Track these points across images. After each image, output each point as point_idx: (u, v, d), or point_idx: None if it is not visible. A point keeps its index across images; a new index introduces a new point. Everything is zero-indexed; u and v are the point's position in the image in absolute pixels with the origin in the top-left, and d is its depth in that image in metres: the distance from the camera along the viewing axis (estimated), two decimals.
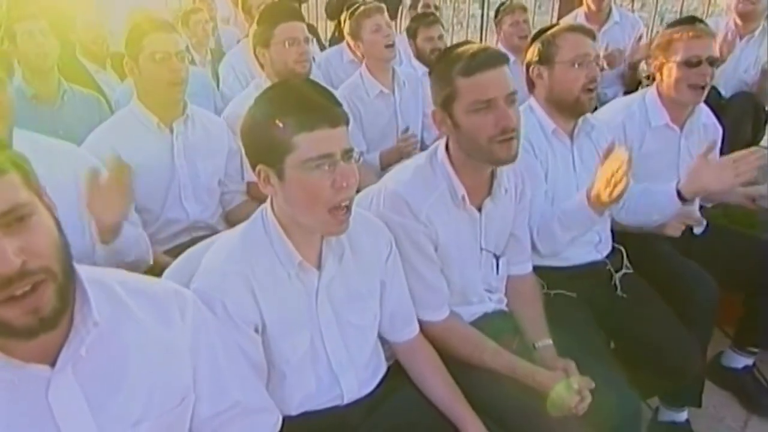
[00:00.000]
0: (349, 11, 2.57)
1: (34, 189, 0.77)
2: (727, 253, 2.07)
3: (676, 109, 2.05)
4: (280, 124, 1.07)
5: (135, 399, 0.87)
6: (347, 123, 1.13)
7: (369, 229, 1.31)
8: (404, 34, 3.17)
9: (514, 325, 1.61)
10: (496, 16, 3.19)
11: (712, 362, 2.27)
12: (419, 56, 2.94)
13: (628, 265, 1.93)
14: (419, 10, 3.55)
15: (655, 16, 4.40)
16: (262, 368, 1.16)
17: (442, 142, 1.49)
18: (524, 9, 3.13)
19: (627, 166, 1.47)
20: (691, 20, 2.25)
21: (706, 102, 2.20)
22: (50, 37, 2.30)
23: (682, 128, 2.08)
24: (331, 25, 4.56)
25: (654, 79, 2.11)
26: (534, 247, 1.73)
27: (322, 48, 3.92)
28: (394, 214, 1.39)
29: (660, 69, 2.04)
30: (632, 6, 4.84)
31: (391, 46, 2.44)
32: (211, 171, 1.95)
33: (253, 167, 1.15)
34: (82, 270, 0.84)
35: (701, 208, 2.24)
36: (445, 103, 1.38)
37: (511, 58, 1.83)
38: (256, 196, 2.05)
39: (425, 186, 1.43)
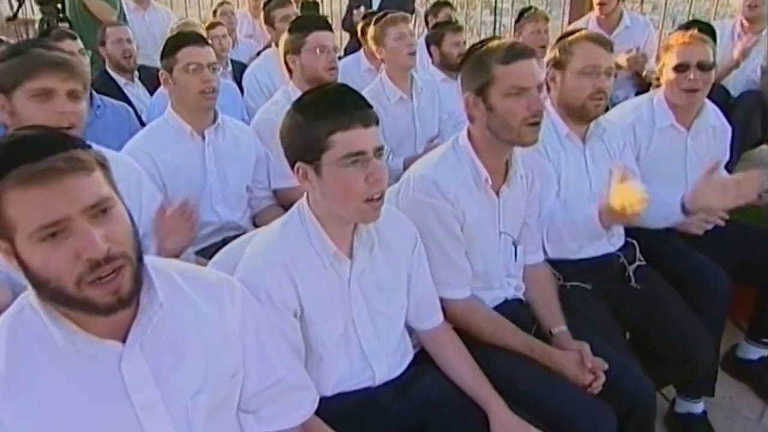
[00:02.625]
0: (374, 19, 2.68)
1: (112, 184, 0.88)
2: (738, 247, 2.14)
3: (681, 111, 2.12)
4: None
5: (193, 373, 0.97)
6: (377, 123, 1.23)
7: (395, 224, 1.41)
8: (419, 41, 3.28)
9: (531, 314, 1.70)
10: (517, 21, 3.27)
11: (728, 355, 2.33)
12: (443, 61, 3.03)
13: (641, 257, 2.00)
14: (439, 18, 3.67)
15: (665, 18, 4.45)
16: (300, 350, 1.25)
17: (463, 132, 1.59)
18: (546, 19, 3.22)
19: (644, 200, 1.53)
20: (690, 25, 2.33)
21: (715, 101, 2.28)
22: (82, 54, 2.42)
23: (688, 129, 2.16)
24: (344, 36, 4.69)
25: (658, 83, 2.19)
26: (544, 248, 1.82)
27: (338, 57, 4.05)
28: (423, 195, 1.50)
29: (661, 72, 2.13)
30: (641, 8, 4.90)
31: (413, 54, 2.56)
32: (239, 177, 2.06)
33: (292, 165, 1.26)
34: (146, 258, 0.94)
35: None
36: (481, 89, 1.50)
37: None
38: (282, 203, 2.15)
39: (451, 169, 1.54)
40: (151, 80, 3.14)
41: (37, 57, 1.41)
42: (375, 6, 4.26)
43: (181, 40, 1.96)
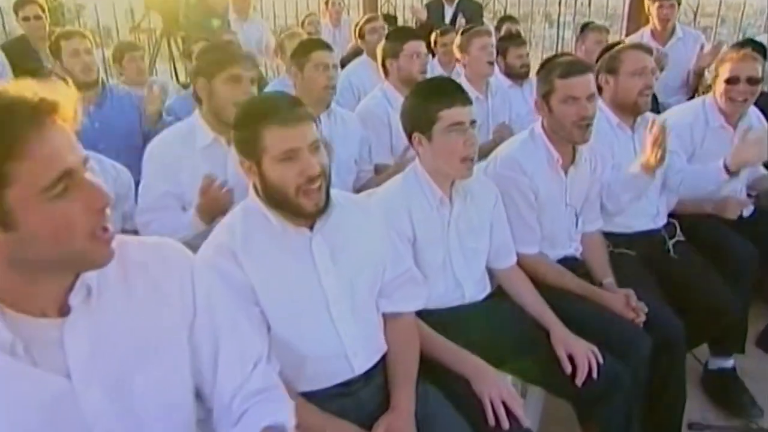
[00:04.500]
0: (462, 30, 3.16)
1: (318, 130, 1.35)
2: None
3: (729, 114, 2.47)
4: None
5: (355, 257, 1.41)
6: (472, 103, 1.68)
7: (481, 184, 1.86)
8: None
9: (585, 269, 2.09)
10: (581, 33, 3.66)
11: (763, 334, 2.66)
12: (507, 71, 3.45)
13: (681, 235, 2.37)
14: (503, 32, 4.10)
15: (739, 33, 4.69)
16: None
17: (537, 123, 2.02)
18: (608, 31, 3.63)
19: (666, 133, 1.95)
20: (744, 44, 2.69)
21: (758, 105, 2.62)
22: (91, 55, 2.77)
23: (734, 129, 2.50)
24: None
25: (711, 89, 2.56)
26: (603, 208, 2.21)
27: None
28: (507, 170, 1.94)
29: (714, 81, 2.50)
30: (694, 22, 5.14)
31: (492, 63, 3.01)
32: (348, 152, 2.52)
33: (409, 136, 1.72)
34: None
35: (749, 195, 2.65)
36: (545, 96, 1.93)
37: None
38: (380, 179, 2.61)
39: (529, 151, 1.98)
40: None
41: (231, 52, 1.92)
42: (447, 19, 4.73)
43: (313, 44, 2.48)
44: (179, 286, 1.04)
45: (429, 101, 1.65)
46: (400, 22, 5.73)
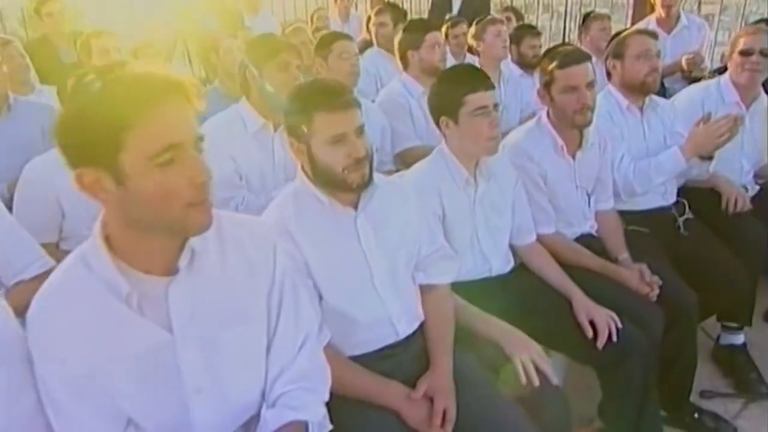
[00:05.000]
0: (477, 19, 3.29)
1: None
2: None
3: (744, 91, 2.58)
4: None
5: (396, 234, 1.52)
6: (494, 88, 1.80)
7: (503, 166, 1.97)
8: None
9: (600, 246, 2.21)
10: (583, 23, 3.77)
11: None
12: (519, 60, 3.56)
13: (690, 212, 2.48)
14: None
15: (741, 18, 4.79)
16: None
17: (543, 112, 2.14)
18: (610, 18, 3.76)
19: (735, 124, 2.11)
20: (758, 22, 2.81)
21: None
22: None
23: (748, 109, 2.61)
24: None
25: (720, 73, 2.67)
26: (627, 189, 2.35)
27: None
28: (516, 159, 2.05)
29: (730, 57, 2.61)
30: (699, 9, 5.24)
31: (506, 47, 3.14)
32: (369, 140, 2.65)
33: (437, 120, 1.83)
34: None
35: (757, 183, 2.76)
36: (546, 85, 2.05)
37: (594, 58, 2.44)
38: (404, 161, 2.72)
39: (535, 139, 2.10)
40: None
41: (278, 41, 2.09)
42: (455, 10, 4.83)
43: (335, 35, 2.69)
44: (264, 259, 1.17)
45: (455, 87, 1.77)
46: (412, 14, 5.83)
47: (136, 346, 1.02)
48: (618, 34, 2.50)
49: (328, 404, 1.23)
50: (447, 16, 4.30)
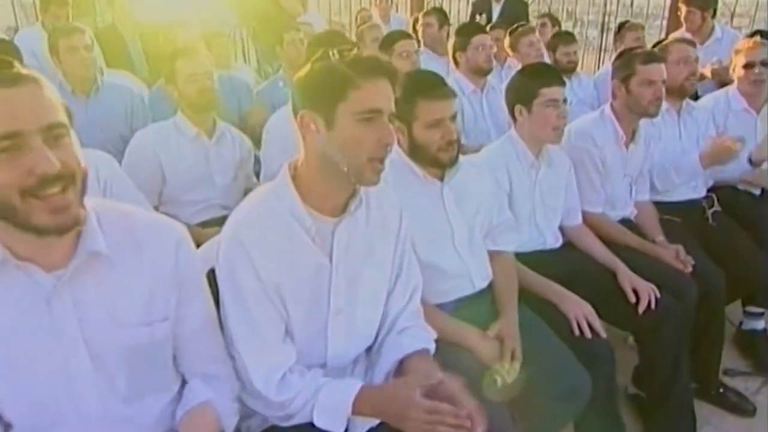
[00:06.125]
0: (510, 29, 3.54)
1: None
2: None
3: (751, 98, 2.83)
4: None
5: (474, 204, 1.77)
6: (564, 85, 2.06)
7: (559, 155, 2.23)
8: None
9: (638, 231, 2.45)
10: (618, 31, 4.01)
11: None
12: (555, 65, 3.78)
13: (718, 206, 2.72)
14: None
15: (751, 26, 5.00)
16: None
17: (607, 105, 2.41)
18: (643, 27, 4.00)
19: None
20: (754, 34, 3.06)
21: None
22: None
23: (758, 113, 2.85)
24: None
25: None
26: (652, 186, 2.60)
27: None
28: (581, 142, 2.32)
29: (734, 70, 2.87)
30: (731, 22, 5.44)
31: (541, 56, 3.39)
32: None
33: (511, 108, 2.10)
34: None
35: None
36: (625, 78, 2.30)
37: None
38: None
39: (600, 128, 2.37)
40: None
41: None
42: (495, 15, 5.10)
43: (397, 35, 2.98)
44: (394, 219, 1.46)
45: (533, 80, 2.05)
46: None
47: (307, 268, 1.29)
48: (660, 41, 2.76)
49: None
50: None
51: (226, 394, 1.27)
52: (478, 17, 5.08)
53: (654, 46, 2.86)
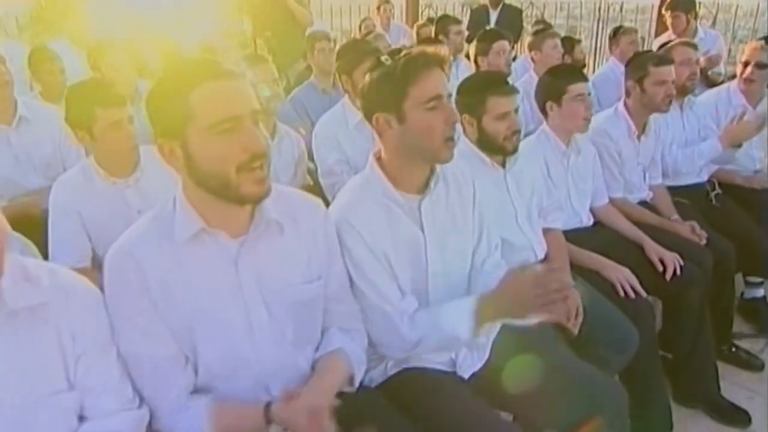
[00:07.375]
0: (534, 30, 3.88)
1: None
2: None
3: (749, 96, 3.15)
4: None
5: (530, 187, 2.07)
6: (588, 81, 2.35)
7: (586, 144, 2.53)
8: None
9: (654, 211, 2.76)
10: (613, 36, 4.33)
11: None
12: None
13: (719, 189, 3.06)
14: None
15: (726, 34, 5.42)
16: None
17: (620, 102, 2.71)
18: (637, 31, 4.34)
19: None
20: (762, 38, 3.41)
21: None
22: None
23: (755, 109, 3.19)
24: None
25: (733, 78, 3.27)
26: (675, 169, 2.95)
27: None
28: (598, 137, 2.62)
29: (737, 68, 3.21)
30: (714, 24, 5.85)
31: (561, 58, 3.69)
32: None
33: (542, 105, 2.39)
34: None
35: None
36: (639, 79, 2.60)
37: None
38: None
39: (614, 123, 2.67)
40: None
41: (363, 46, 2.69)
42: (492, 25, 5.42)
43: (496, 35, 3.40)
44: (468, 191, 1.65)
45: (560, 79, 2.34)
46: None
47: (405, 237, 1.52)
48: (665, 44, 3.10)
49: None
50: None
51: (358, 345, 1.47)
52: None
53: (659, 48, 3.19)
